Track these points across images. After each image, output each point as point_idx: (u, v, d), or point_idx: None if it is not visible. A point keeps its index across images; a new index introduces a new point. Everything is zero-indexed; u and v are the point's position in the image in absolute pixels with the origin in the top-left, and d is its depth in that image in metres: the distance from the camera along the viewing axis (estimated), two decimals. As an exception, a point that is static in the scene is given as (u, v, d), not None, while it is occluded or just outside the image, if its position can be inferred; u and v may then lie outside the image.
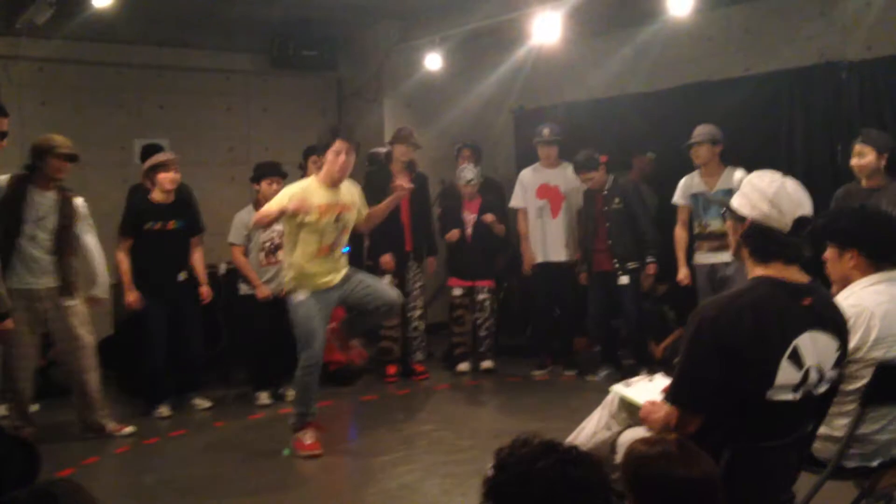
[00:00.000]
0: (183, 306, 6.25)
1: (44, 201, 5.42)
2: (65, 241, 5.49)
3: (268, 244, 6.46)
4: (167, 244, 6.15)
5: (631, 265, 6.64)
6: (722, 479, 2.16)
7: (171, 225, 6.17)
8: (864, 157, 5.02)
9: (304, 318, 5.16)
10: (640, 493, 2.05)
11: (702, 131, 6.15)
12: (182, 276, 6.25)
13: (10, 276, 5.25)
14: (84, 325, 5.59)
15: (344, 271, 5.29)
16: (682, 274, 6.36)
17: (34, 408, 5.84)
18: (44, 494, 1.83)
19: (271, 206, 5.17)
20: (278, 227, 6.37)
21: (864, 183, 5.12)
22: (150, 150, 7.02)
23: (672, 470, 2.02)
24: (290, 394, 6.47)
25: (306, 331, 5.16)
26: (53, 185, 5.47)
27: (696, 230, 6.28)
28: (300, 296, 5.17)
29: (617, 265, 6.66)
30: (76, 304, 5.55)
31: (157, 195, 6.14)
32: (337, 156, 5.12)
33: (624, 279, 6.65)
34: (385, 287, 5.60)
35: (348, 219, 5.29)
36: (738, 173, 5.97)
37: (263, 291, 6.38)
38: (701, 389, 2.60)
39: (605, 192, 6.73)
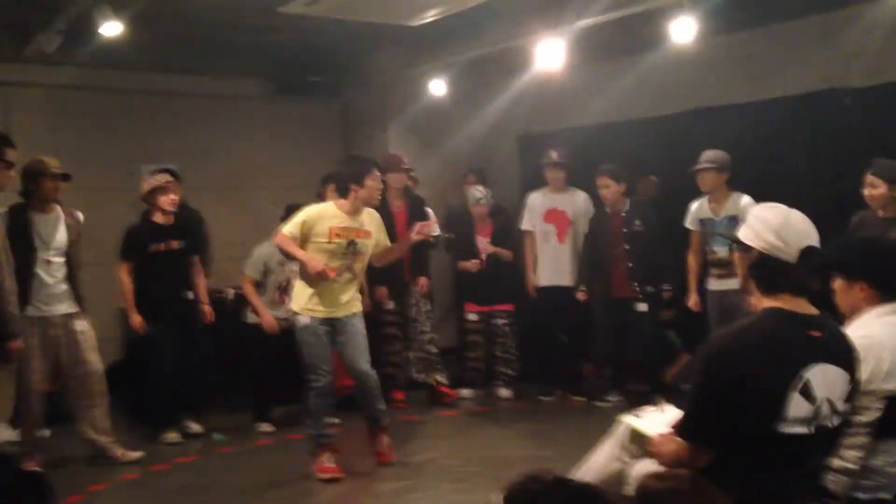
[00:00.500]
0: (192, 324, 6.30)
1: (48, 223, 5.46)
2: (75, 259, 5.54)
3: (284, 283, 6.47)
4: (172, 264, 6.22)
5: (649, 289, 6.60)
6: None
7: (174, 245, 6.23)
8: (875, 188, 5.03)
9: (309, 343, 5.19)
10: None
11: (709, 157, 6.14)
12: (190, 294, 6.31)
13: (25, 305, 5.26)
14: (93, 349, 5.61)
15: (351, 311, 5.31)
16: (693, 301, 6.35)
17: (45, 433, 5.86)
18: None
19: (288, 229, 5.21)
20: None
21: (880, 213, 5.14)
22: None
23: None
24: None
25: (313, 354, 5.20)
26: (51, 207, 5.50)
27: (708, 256, 6.29)
28: (304, 319, 5.21)
29: (637, 290, 6.62)
30: (86, 330, 5.57)
31: (158, 217, 6.20)
32: (376, 183, 5.25)
33: (642, 306, 6.61)
34: (364, 350, 5.41)
35: (365, 245, 5.31)
36: (745, 199, 5.99)
37: (270, 322, 6.38)
38: (711, 424, 2.60)
39: (625, 214, 6.69)
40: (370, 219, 5.36)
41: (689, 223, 6.35)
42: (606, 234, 6.78)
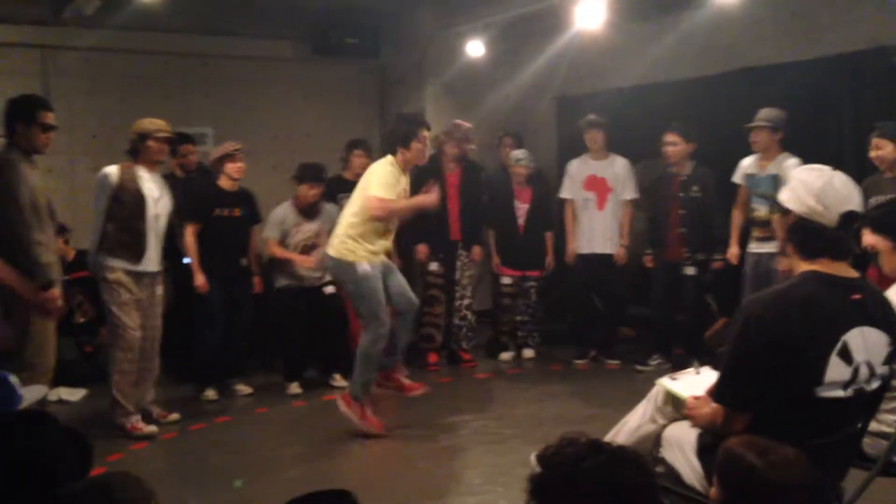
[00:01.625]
0: (240, 291, 6.40)
1: (154, 183, 5.54)
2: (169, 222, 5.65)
3: (302, 244, 6.53)
4: (233, 230, 6.32)
5: (700, 256, 6.53)
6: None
7: (237, 212, 6.33)
8: (881, 149, 4.98)
9: (372, 291, 5.22)
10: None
11: (764, 115, 5.99)
12: (244, 262, 6.41)
13: (136, 259, 5.39)
14: (161, 311, 5.71)
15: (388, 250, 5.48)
16: (732, 252, 6.28)
17: (82, 394, 5.97)
18: (101, 486, 1.85)
19: (381, 192, 5.18)
20: (314, 226, 6.46)
21: (887, 175, 5.12)
22: (180, 138, 7.03)
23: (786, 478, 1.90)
24: (339, 379, 6.59)
25: (375, 302, 5.22)
26: (156, 168, 5.61)
27: (749, 213, 6.19)
28: (366, 267, 5.22)
29: (687, 254, 6.55)
30: (162, 294, 5.67)
31: (224, 183, 6.28)
32: (423, 144, 5.30)
33: (690, 270, 6.54)
34: (405, 282, 5.55)
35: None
36: (791, 161, 5.85)
37: (308, 261, 6.46)
38: (747, 388, 2.56)
39: (685, 178, 6.59)
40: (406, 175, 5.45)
41: (737, 177, 6.25)
42: (664, 195, 6.70)
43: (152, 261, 5.49)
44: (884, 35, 6.29)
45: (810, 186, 2.59)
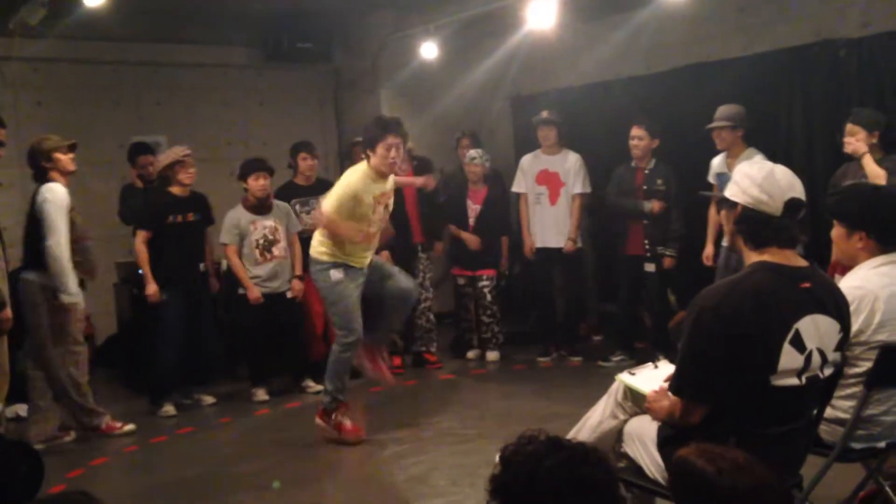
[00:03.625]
0: (201, 298, 6.34)
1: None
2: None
3: (261, 241, 6.47)
4: (188, 236, 6.24)
5: (659, 250, 6.59)
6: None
7: (191, 217, 6.25)
8: (853, 135, 5.04)
9: (341, 297, 5.19)
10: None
11: (723, 114, 5.98)
12: (202, 267, 6.35)
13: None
14: (79, 322, 5.60)
15: (370, 256, 5.38)
16: (707, 252, 6.32)
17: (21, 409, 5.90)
18: (54, 506, 1.82)
19: (331, 209, 5.12)
20: (269, 223, 6.41)
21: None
22: (139, 149, 7.05)
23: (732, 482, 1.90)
24: (312, 385, 6.56)
25: (344, 309, 5.19)
26: (68, 180, 5.51)
27: None
28: (337, 274, 5.19)
29: (647, 248, 6.61)
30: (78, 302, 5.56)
31: (176, 189, 6.20)
32: (388, 150, 5.08)
33: (650, 266, 6.60)
34: (403, 275, 5.58)
35: (389, 206, 5.39)
36: (757, 157, 5.82)
37: (254, 293, 6.38)
38: (704, 379, 2.60)
39: (648, 171, 6.64)
40: (391, 179, 5.34)
41: (711, 177, 6.26)
42: (628, 189, 6.74)
43: None
44: (829, 29, 6.40)
45: (753, 178, 2.66)
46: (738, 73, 6.70)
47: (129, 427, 5.75)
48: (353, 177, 5.20)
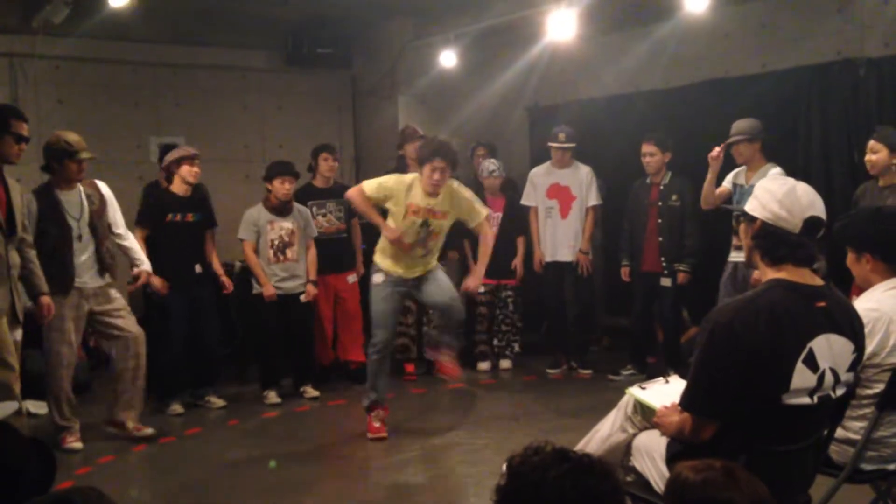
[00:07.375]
0: (200, 299, 6.30)
1: (72, 200, 5.42)
2: (101, 229, 5.50)
3: (276, 241, 6.49)
4: (186, 236, 6.23)
5: (675, 266, 6.54)
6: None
7: (190, 217, 6.24)
8: (875, 153, 4.98)
9: (376, 300, 5.35)
10: None
11: (739, 128, 5.86)
12: (198, 268, 6.31)
13: (68, 281, 5.31)
14: (129, 315, 5.62)
15: (427, 268, 5.42)
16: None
17: (42, 408, 5.91)
18: (63, 501, 1.82)
19: (368, 192, 5.26)
20: (287, 225, 6.43)
21: (880, 183, 5.07)
22: (168, 150, 7.06)
23: (718, 494, 1.90)
24: (310, 391, 6.56)
25: (379, 312, 5.35)
26: (74, 184, 5.48)
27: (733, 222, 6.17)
28: (379, 277, 5.35)
29: (664, 264, 6.58)
30: (118, 298, 5.59)
31: (177, 188, 6.20)
32: (432, 172, 5.17)
33: (666, 281, 6.57)
34: (448, 289, 5.51)
35: (439, 225, 5.35)
36: (775, 170, 5.74)
37: (269, 290, 6.40)
38: (715, 396, 2.58)
39: (663, 187, 6.60)
40: (449, 200, 5.32)
41: (726, 181, 6.14)
42: (642, 205, 6.71)
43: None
44: (850, 47, 6.38)
45: (774, 193, 2.64)
46: (757, 89, 6.69)
47: (149, 430, 5.67)
48: (403, 176, 5.43)
